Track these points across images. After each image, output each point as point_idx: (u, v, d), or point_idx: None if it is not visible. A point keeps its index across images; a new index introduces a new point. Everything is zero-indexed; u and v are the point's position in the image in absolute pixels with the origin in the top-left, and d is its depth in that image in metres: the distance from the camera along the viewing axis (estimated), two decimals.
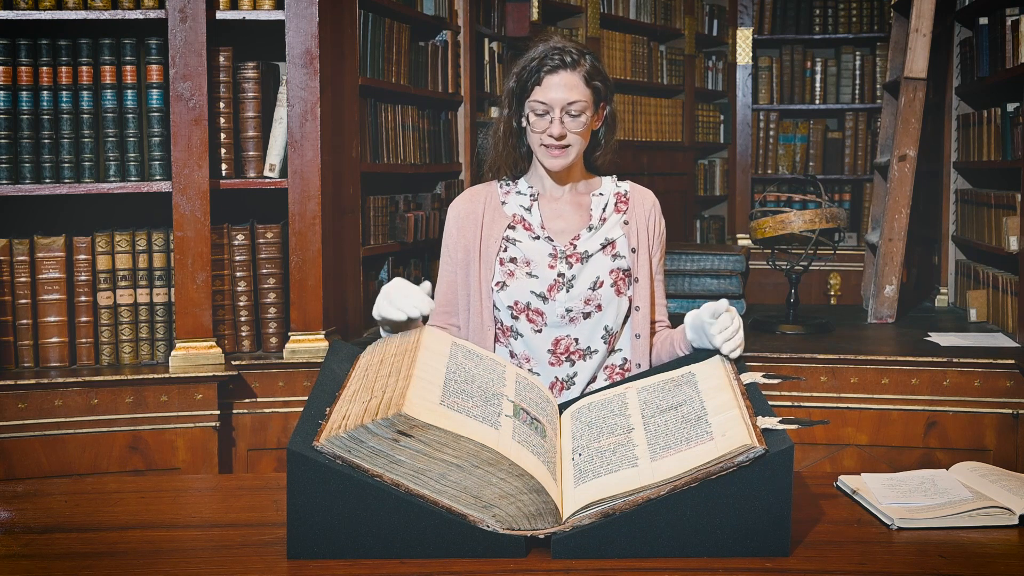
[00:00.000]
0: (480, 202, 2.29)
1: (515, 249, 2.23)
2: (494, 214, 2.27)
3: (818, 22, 6.52)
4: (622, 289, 2.23)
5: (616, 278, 2.23)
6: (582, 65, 2.19)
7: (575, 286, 2.21)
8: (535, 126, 2.20)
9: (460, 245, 2.27)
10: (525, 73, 2.21)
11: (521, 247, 2.23)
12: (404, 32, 3.69)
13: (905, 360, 3.24)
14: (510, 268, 2.22)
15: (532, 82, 2.19)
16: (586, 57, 2.21)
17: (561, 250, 2.22)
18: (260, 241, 3.09)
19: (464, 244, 2.27)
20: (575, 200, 2.29)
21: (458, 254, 2.27)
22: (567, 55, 2.19)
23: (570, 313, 2.20)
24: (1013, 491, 1.83)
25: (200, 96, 2.94)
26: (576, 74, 2.18)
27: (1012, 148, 3.60)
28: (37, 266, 2.94)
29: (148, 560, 1.63)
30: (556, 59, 2.18)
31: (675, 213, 6.24)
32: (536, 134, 2.20)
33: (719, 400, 1.75)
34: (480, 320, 2.23)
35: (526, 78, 2.20)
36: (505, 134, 2.27)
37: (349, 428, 1.58)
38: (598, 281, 2.22)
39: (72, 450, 2.84)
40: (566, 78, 2.18)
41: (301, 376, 3.02)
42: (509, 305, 2.21)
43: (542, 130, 2.19)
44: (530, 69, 2.20)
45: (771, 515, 1.59)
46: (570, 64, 2.18)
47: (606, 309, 2.22)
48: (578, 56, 2.20)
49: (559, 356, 2.21)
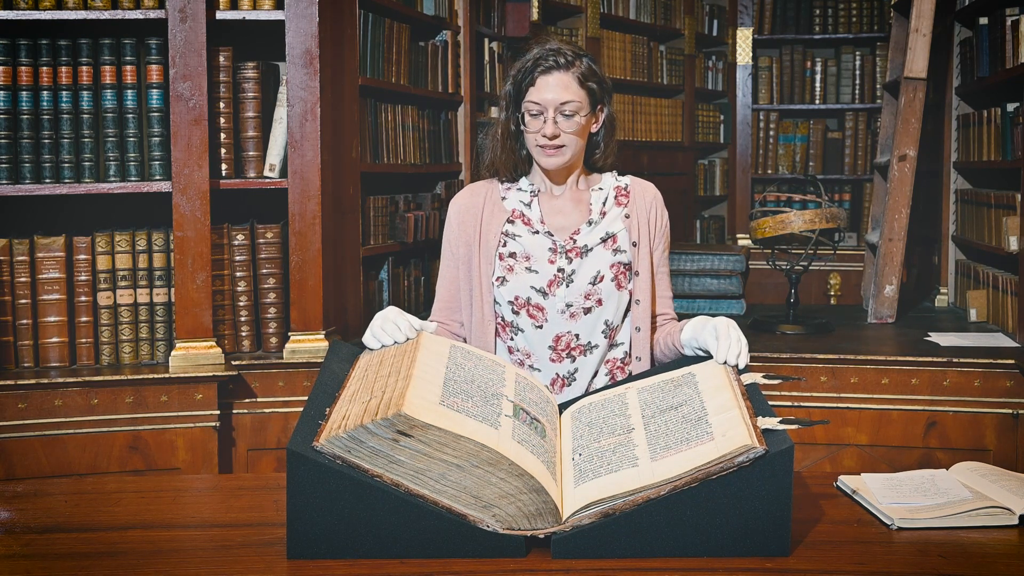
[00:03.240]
0: (481, 197, 2.30)
1: (514, 244, 2.24)
2: (494, 208, 2.27)
3: (818, 22, 6.52)
4: (622, 283, 2.24)
5: (617, 272, 2.23)
6: (576, 66, 2.20)
7: (575, 281, 2.21)
8: (530, 127, 2.21)
9: (461, 240, 2.28)
10: (520, 75, 2.22)
11: (520, 242, 2.24)
12: (404, 32, 3.69)
13: (905, 360, 3.24)
14: (510, 263, 2.22)
15: (526, 83, 2.20)
16: (582, 59, 2.22)
17: (561, 245, 2.23)
18: (260, 241, 3.09)
19: (465, 239, 2.27)
20: (575, 197, 2.30)
21: (459, 249, 2.28)
22: (561, 56, 2.20)
23: (570, 308, 2.21)
24: (1013, 491, 1.83)
25: (200, 96, 2.94)
26: (569, 75, 2.19)
27: (1012, 148, 3.60)
28: (37, 266, 2.94)
29: (148, 560, 1.63)
30: (550, 60, 2.19)
31: (675, 213, 6.22)
32: (531, 134, 2.21)
33: (719, 400, 1.75)
34: (481, 315, 2.23)
35: (520, 79, 2.21)
36: (503, 137, 2.28)
37: (349, 428, 1.58)
38: (598, 275, 2.22)
39: (72, 450, 2.84)
40: (559, 78, 2.18)
41: (301, 376, 3.02)
42: (510, 300, 2.22)
43: (536, 130, 2.20)
44: (524, 71, 2.21)
45: (771, 515, 1.59)
46: (564, 65, 2.19)
47: (606, 303, 2.22)
48: (573, 58, 2.20)
49: (560, 353, 2.22)
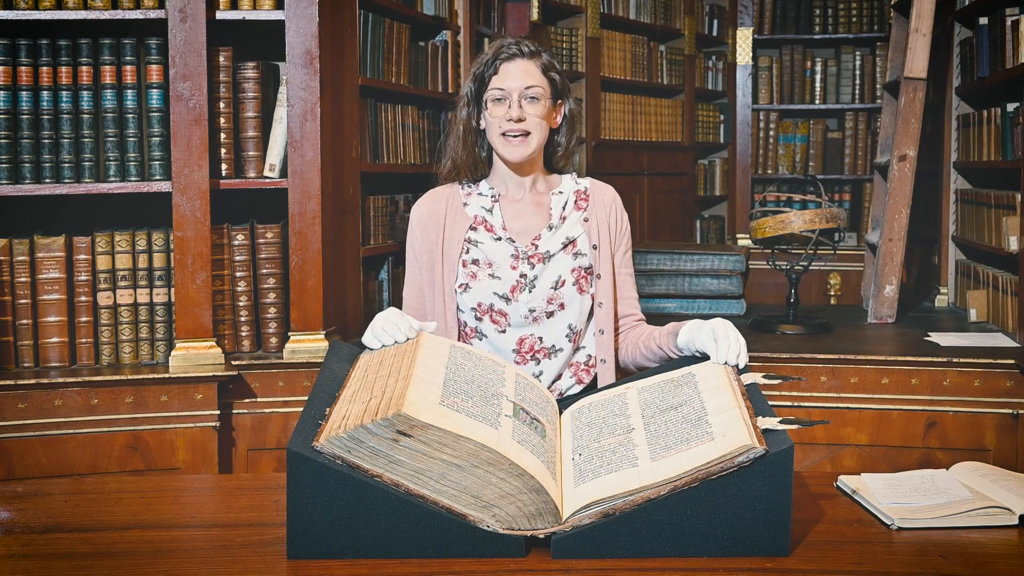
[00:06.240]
0: (443, 203, 2.30)
1: (477, 251, 2.24)
2: (456, 215, 2.27)
3: (818, 22, 6.52)
4: (584, 287, 2.24)
5: (578, 276, 2.24)
6: (539, 57, 2.24)
7: (537, 286, 2.21)
8: (493, 112, 2.21)
9: (424, 247, 2.28)
10: (481, 67, 2.24)
11: (483, 248, 2.24)
12: (404, 32, 3.69)
13: (905, 360, 3.24)
14: (472, 270, 2.22)
15: (489, 74, 2.22)
16: (542, 52, 2.26)
17: (523, 251, 2.23)
18: (260, 241, 3.09)
19: (428, 245, 2.27)
20: (535, 200, 2.30)
21: (423, 256, 2.28)
22: (523, 46, 2.24)
23: (533, 313, 2.21)
24: (1013, 491, 1.83)
25: (200, 96, 2.94)
26: (532, 62, 2.23)
27: (1012, 148, 3.60)
28: (37, 266, 2.94)
29: (148, 560, 1.63)
30: (513, 48, 2.23)
31: (675, 213, 6.24)
32: (495, 120, 2.21)
33: (719, 400, 1.75)
34: (444, 322, 2.23)
35: (482, 71, 2.23)
36: (464, 135, 2.28)
37: (349, 428, 1.58)
38: (560, 280, 2.23)
39: (72, 450, 2.84)
40: (523, 64, 2.22)
41: (301, 376, 3.02)
42: (472, 307, 2.22)
43: (501, 115, 2.20)
44: (486, 63, 2.23)
45: (771, 515, 1.59)
46: (526, 54, 2.23)
47: (569, 307, 2.23)
48: (534, 49, 2.25)
49: (524, 355, 2.22)
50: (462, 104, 2.28)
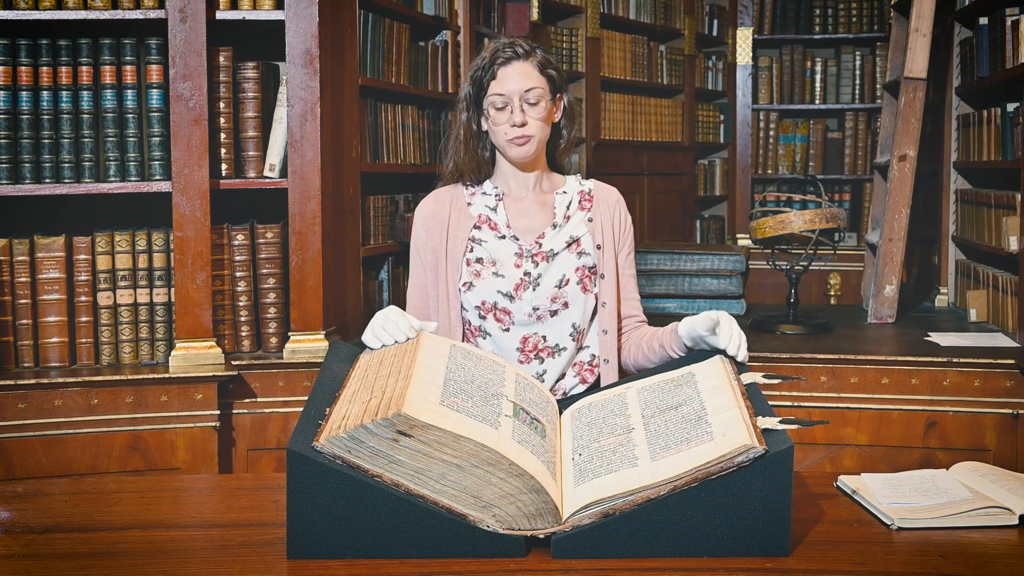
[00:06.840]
0: (446, 203, 2.30)
1: (481, 249, 2.25)
2: (460, 215, 2.28)
3: (818, 22, 6.52)
4: (588, 286, 2.25)
5: (582, 275, 2.24)
6: (534, 55, 2.24)
7: (541, 284, 2.22)
8: (496, 120, 2.22)
9: (428, 247, 2.28)
10: (479, 72, 2.24)
11: (487, 247, 2.24)
12: (404, 32, 3.69)
13: (905, 360, 3.24)
14: (476, 268, 2.23)
15: (487, 78, 2.22)
16: (536, 50, 2.26)
17: (527, 249, 2.24)
18: (260, 241, 3.09)
19: (432, 245, 2.28)
20: (539, 199, 2.31)
21: (427, 256, 2.28)
22: (518, 47, 2.23)
23: (537, 311, 2.22)
24: (1013, 491, 1.83)
25: (200, 96, 2.94)
26: (529, 63, 2.23)
27: (1012, 148, 3.60)
28: (37, 266, 2.94)
29: (148, 560, 1.63)
30: (508, 51, 2.22)
31: (675, 213, 6.24)
32: (499, 127, 2.22)
33: (719, 400, 1.75)
34: (448, 320, 2.23)
35: (480, 76, 2.23)
36: (466, 138, 2.29)
37: (349, 428, 1.58)
38: (564, 279, 2.23)
39: (72, 450, 2.84)
40: (519, 67, 2.22)
41: (301, 376, 3.02)
42: (476, 305, 2.22)
43: (504, 122, 2.20)
44: (483, 67, 2.23)
45: (771, 515, 1.59)
46: (522, 55, 2.23)
47: (572, 306, 2.23)
48: (529, 48, 2.24)
49: (528, 354, 2.22)
50: (461, 108, 2.29)
